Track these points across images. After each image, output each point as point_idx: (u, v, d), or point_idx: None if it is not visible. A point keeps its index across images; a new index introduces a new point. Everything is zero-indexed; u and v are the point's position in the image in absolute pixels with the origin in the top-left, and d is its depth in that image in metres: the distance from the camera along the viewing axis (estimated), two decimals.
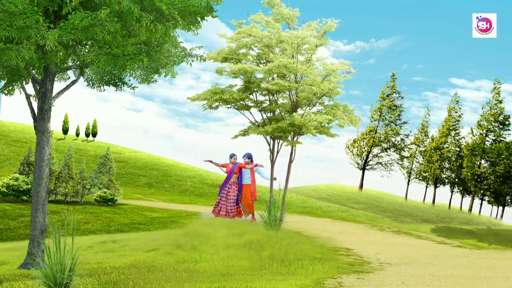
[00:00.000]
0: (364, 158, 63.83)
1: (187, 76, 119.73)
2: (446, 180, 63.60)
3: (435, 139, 63.82)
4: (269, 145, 15.22)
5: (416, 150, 65.55)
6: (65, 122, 51.43)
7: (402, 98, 64.91)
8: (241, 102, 15.17)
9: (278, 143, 15.20)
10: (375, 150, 64.06)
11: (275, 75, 14.87)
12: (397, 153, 64.17)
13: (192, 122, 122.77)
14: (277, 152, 15.21)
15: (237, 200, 15.46)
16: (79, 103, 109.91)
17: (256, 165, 15.58)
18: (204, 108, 14.98)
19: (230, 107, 15.16)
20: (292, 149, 14.93)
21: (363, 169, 64.07)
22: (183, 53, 14.36)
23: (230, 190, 15.26)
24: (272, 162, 15.23)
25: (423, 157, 64.77)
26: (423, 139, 65.71)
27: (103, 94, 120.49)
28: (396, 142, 64.10)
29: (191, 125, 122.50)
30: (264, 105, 15.55)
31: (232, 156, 15.52)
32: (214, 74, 14.25)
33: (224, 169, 15.46)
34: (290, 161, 14.96)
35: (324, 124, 14.68)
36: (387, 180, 69.18)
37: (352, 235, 16.45)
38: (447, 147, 63.09)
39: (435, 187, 63.90)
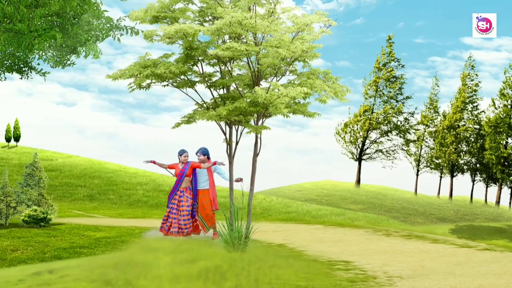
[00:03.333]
0: (360, 145, 64.42)
1: (129, 57, 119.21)
2: (465, 167, 64.57)
3: (447, 116, 64.68)
4: (225, 134, 14.56)
5: (425, 131, 66.40)
6: None
7: (402, 67, 65.90)
8: (182, 76, 14.44)
9: (237, 131, 14.57)
10: (373, 135, 64.93)
11: (226, 37, 14.19)
12: (401, 137, 65.08)
13: (139, 114, 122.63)
14: (237, 143, 14.56)
15: (193, 212, 15.32)
16: None
17: (214, 163, 15.29)
18: (131, 89, 14.16)
19: (168, 85, 14.43)
20: (256, 137, 14.17)
21: (359, 159, 64.64)
22: (108, 25, 13.70)
23: (183, 198, 15.18)
24: (231, 156, 14.50)
25: (434, 140, 65.65)
26: (432, 117, 66.70)
27: (26, 87, 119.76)
28: (398, 123, 64.98)
29: (139, 119, 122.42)
30: (214, 79, 14.79)
31: (181, 153, 15.30)
32: (165, 51, 14.37)
33: (173, 171, 15.33)
34: (255, 154, 14.19)
35: (299, 99, 14.02)
36: (391, 171, 71.12)
37: (350, 244, 16.86)
38: (464, 125, 63.90)
39: (452, 176, 64.80)
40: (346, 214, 43.17)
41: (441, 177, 65.95)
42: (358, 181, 64.84)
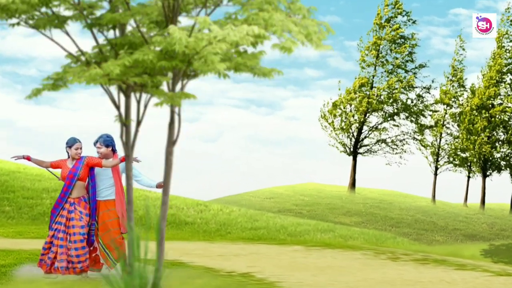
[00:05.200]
0: (355, 134, 64.92)
1: None
2: (503, 163, 65.40)
3: (477, 92, 65.33)
4: (118, 108, 12.53)
5: (446, 113, 66.99)
6: None
7: (413, 23, 66.71)
8: (44, 9, 12.34)
9: (140, 102, 12.56)
10: (373, 119, 65.71)
11: None
12: (412, 121, 65.70)
13: (45, 93, 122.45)
14: (138, 123, 12.58)
15: (90, 236, 14.53)
16: None
17: (123, 159, 14.10)
18: None
19: (19, 23, 12.02)
20: (173, 113, 12.21)
21: (355, 153, 65.30)
22: None
23: (74, 215, 14.30)
24: (128, 146, 12.46)
25: (459, 125, 66.33)
26: (456, 93, 67.32)
27: None
28: (409, 101, 65.50)
29: (45, 99, 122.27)
30: (99, 12, 12.68)
31: (71, 144, 14.43)
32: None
33: (58, 171, 14.70)
34: (171, 142, 12.22)
35: (245, 47, 11.87)
36: (398, 170, 72.92)
37: (343, 272, 17.37)
38: (500, 104, 64.74)
39: (484, 176, 65.70)
40: (336, 230, 42.96)
41: (469, 177, 66.86)
42: (353, 183, 65.53)
